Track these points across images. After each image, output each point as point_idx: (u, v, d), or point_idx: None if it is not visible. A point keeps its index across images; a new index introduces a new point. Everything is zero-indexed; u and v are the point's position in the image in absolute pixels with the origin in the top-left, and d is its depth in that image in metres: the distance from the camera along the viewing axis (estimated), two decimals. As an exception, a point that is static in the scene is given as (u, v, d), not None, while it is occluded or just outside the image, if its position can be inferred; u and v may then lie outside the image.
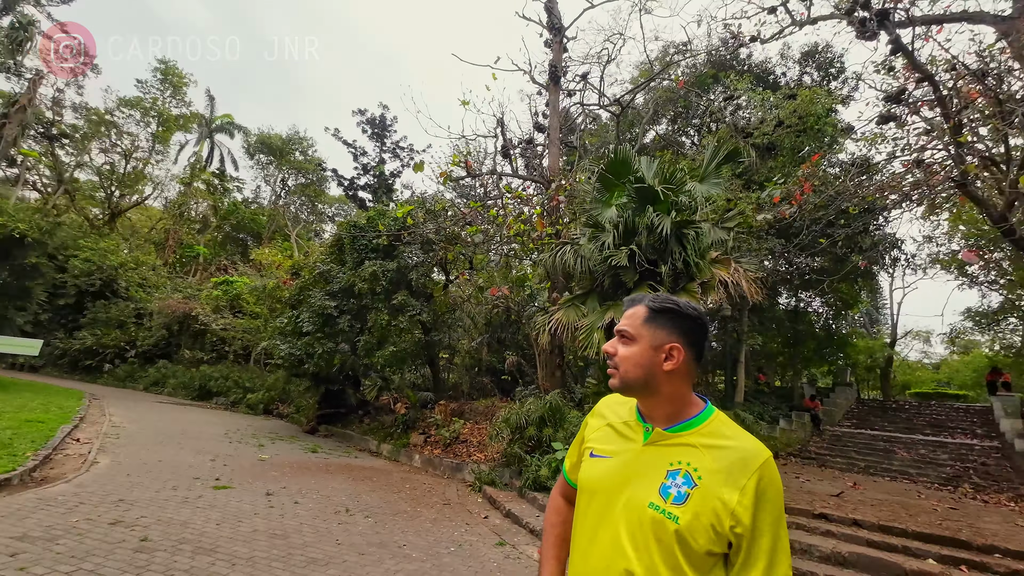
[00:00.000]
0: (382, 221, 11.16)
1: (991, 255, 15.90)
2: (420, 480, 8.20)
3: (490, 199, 11.26)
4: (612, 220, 8.13)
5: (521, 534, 5.47)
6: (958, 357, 29.34)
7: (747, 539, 0.89)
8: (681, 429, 1.00)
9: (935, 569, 3.95)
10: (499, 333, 14.75)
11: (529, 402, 8.16)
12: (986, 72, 8.98)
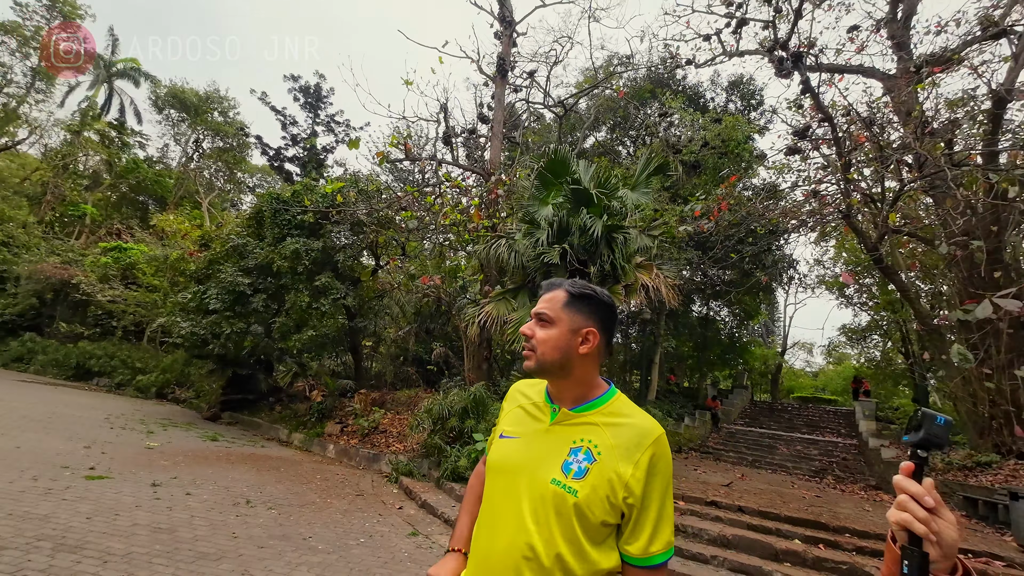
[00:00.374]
0: (309, 196, 10.47)
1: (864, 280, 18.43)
2: (333, 471, 7.85)
3: (428, 185, 11.00)
4: (548, 218, 8.30)
5: (435, 524, 5.44)
6: (832, 367, 33.73)
7: (637, 509, 0.95)
8: (585, 409, 1.05)
9: (799, 548, 4.53)
10: (428, 323, 14.51)
11: (453, 393, 8.11)
12: (873, 120, 10.35)
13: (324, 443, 9.45)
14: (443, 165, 11.15)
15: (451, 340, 14.31)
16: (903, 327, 17.53)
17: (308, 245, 10.27)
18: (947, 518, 0.65)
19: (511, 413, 1.16)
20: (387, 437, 9.19)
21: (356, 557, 4.18)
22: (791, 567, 4.28)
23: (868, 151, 10.16)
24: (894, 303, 15.70)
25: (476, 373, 10.08)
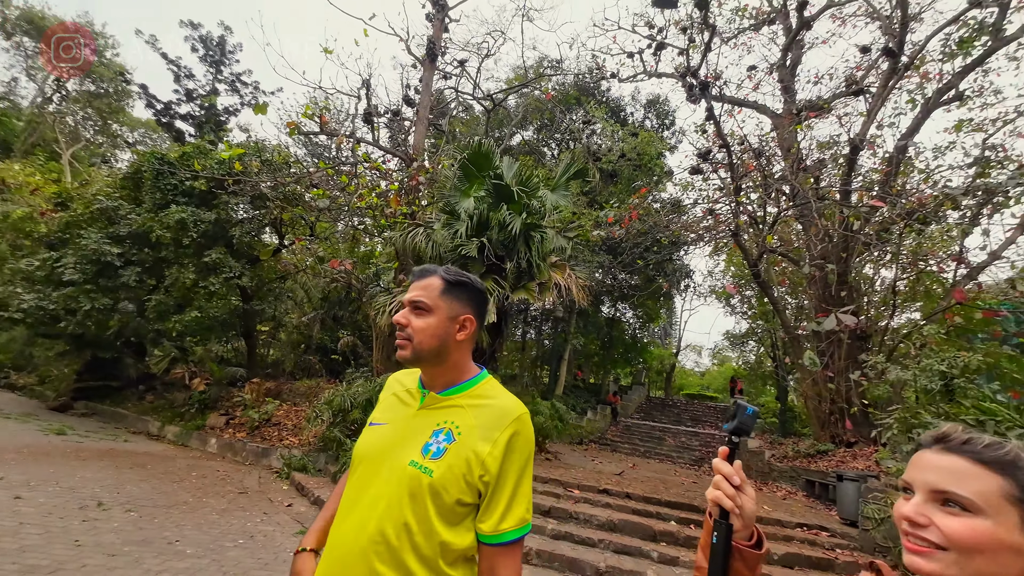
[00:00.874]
0: (203, 161, 9.31)
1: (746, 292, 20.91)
2: (213, 467, 7.10)
3: (344, 164, 10.35)
4: (468, 211, 8.25)
5: (328, 521, 5.15)
6: (716, 368, 37.87)
7: (492, 486, 0.95)
8: (453, 392, 1.04)
9: (674, 528, 5.01)
10: (336, 310, 13.71)
11: (358, 384, 7.76)
12: (761, 152, 11.74)
13: (205, 437, 8.51)
14: (362, 144, 10.55)
15: (360, 329, 13.67)
16: (773, 335, 20.18)
17: (198, 216, 9.13)
18: (749, 494, 0.75)
19: (384, 402, 1.14)
20: (280, 430, 8.52)
21: (232, 560, 3.82)
22: (666, 546, 4.73)
23: (755, 179, 11.52)
24: (767, 314, 17.99)
25: (385, 364, 9.73)
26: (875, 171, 11.40)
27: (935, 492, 0.61)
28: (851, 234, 9.90)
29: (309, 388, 10.90)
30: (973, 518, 0.57)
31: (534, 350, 19.96)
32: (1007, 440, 0.62)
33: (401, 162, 11.27)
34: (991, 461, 0.59)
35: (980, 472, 0.59)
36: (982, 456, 0.60)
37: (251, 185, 8.98)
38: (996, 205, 10.28)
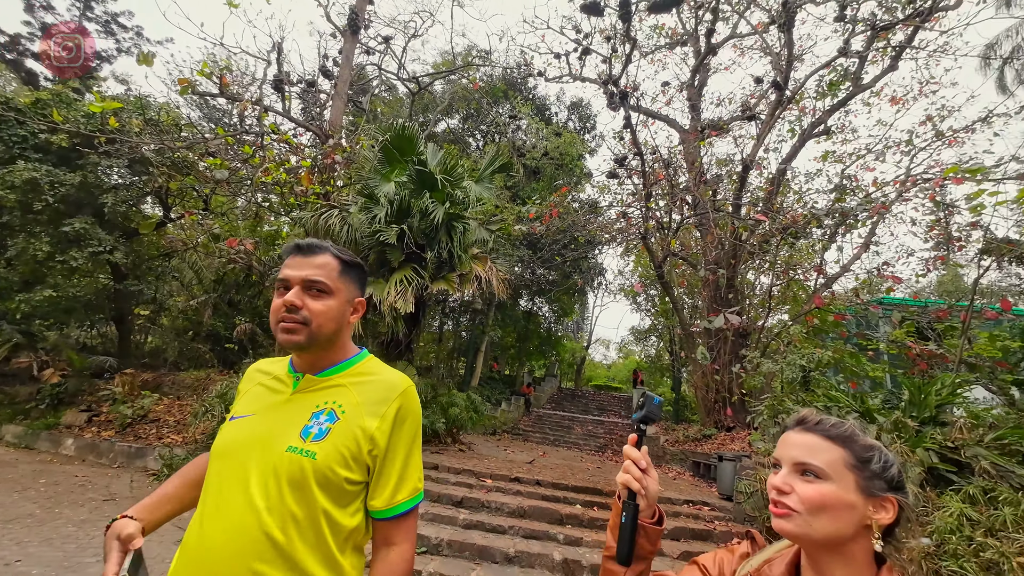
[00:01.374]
0: (64, 112, 7.84)
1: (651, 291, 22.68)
2: (69, 472, 6.10)
3: (248, 133, 9.36)
4: (388, 196, 7.93)
5: (216, 526, 4.68)
6: (622, 360, 40.68)
7: (381, 459, 0.93)
8: (333, 372, 0.99)
9: (579, 512, 5.32)
10: (232, 294, 12.42)
11: (257, 375, 7.12)
12: (670, 163, 12.75)
13: (58, 437, 7.26)
14: (270, 114, 9.61)
15: (261, 315, 12.55)
16: (671, 331, 22.13)
17: (55, 176, 7.69)
18: (653, 476, 0.83)
19: (248, 394, 1.03)
20: (160, 427, 7.55)
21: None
22: (572, 528, 4.99)
23: (664, 187, 12.50)
24: (668, 312, 19.67)
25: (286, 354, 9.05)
26: (761, 189, 12.96)
27: (796, 464, 0.73)
28: (739, 243, 11.16)
29: (197, 380, 9.79)
30: (823, 483, 0.70)
31: (451, 342, 19.83)
32: (847, 420, 0.77)
33: (315, 138, 10.48)
34: (836, 436, 0.73)
35: (828, 446, 0.72)
36: (829, 433, 0.73)
37: (130, 146, 7.75)
38: (848, 226, 12.25)
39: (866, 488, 0.69)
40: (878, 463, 0.70)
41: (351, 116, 15.05)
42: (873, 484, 0.69)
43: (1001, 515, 4.59)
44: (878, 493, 0.69)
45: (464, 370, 17.71)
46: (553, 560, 4.28)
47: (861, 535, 0.68)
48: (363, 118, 12.83)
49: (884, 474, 0.70)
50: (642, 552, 0.81)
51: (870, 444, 0.72)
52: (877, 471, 0.70)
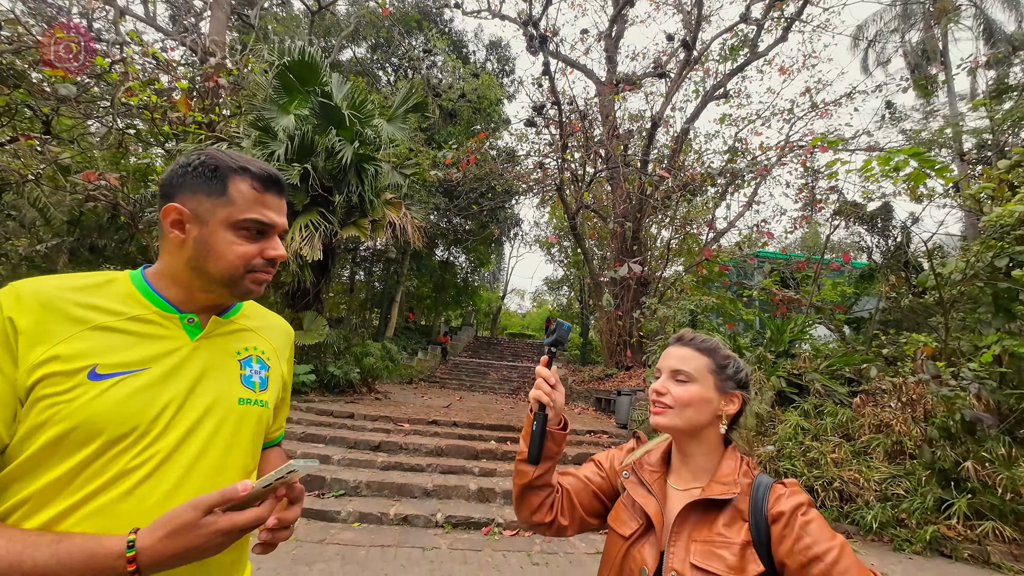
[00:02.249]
0: None
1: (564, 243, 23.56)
2: None
3: (99, 41, 7.67)
4: (288, 130, 7.14)
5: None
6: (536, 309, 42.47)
7: (282, 399, 1.00)
8: (232, 314, 0.89)
9: (494, 447, 5.70)
10: (94, 238, 10.64)
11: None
12: (585, 115, 12.93)
13: None
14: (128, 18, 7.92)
15: (135, 263, 10.97)
16: (582, 281, 23.44)
17: None
18: (560, 391, 0.96)
19: (89, 338, 0.72)
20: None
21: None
22: (487, 462, 5.35)
23: (579, 139, 12.73)
24: (579, 263, 20.68)
25: (176, 306, 8.11)
26: (666, 147, 13.76)
27: (672, 372, 0.91)
28: (645, 198, 11.91)
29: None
30: (690, 385, 0.88)
31: (364, 292, 19.12)
32: (713, 336, 0.97)
33: (191, 54, 8.92)
34: (703, 349, 0.92)
35: (697, 356, 0.91)
36: (699, 346, 0.92)
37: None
38: (737, 186, 13.61)
39: (721, 387, 0.89)
40: (732, 368, 0.91)
41: (236, 32, 12.95)
42: (726, 384, 0.89)
43: (824, 424, 5.77)
44: (729, 390, 0.89)
45: (378, 321, 17.31)
46: (469, 490, 4.59)
47: (713, 424, 0.88)
48: (252, 36, 11.10)
49: (735, 376, 0.91)
50: (549, 453, 0.95)
51: (728, 355, 0.90)
52: (731, 374, 0.90)
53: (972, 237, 7.65)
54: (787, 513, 0.75)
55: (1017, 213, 5.16)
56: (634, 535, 0.86)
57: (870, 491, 4.85)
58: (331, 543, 3.55)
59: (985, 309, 5.89)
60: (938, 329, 6.79)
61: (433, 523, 4.03)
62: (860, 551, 4.34)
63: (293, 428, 5.70)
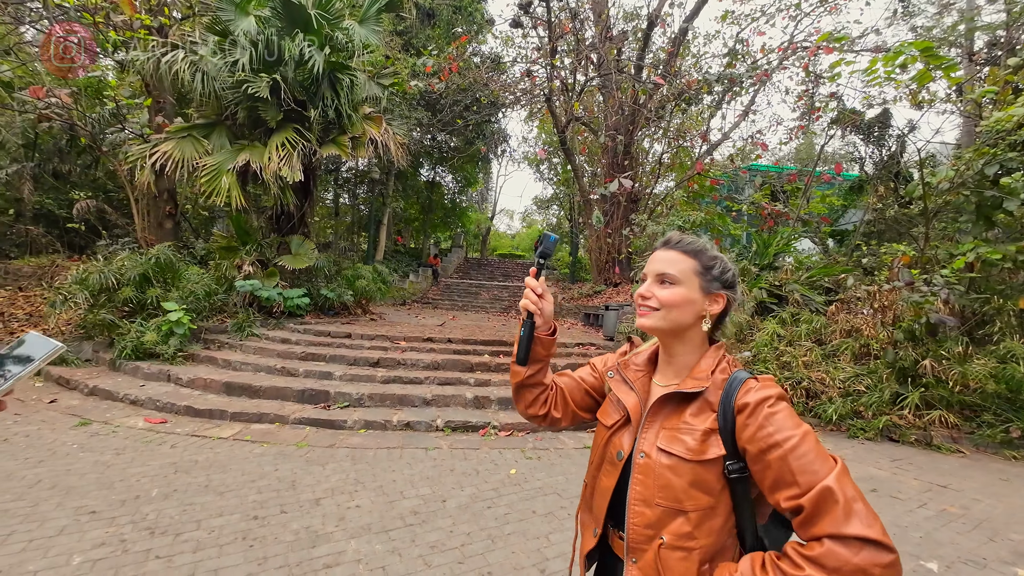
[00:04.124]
0: None
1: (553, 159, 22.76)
2: None
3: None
4: (250, 35, 6.48)
5: (118, 408, 4.50)
6: (525, 230, 42.19)
7: None
8: None
9: (487, 360, 6.01)
10: (55, 163, 10.04)
11: (121, 257, 6.24)
12: (576, 14, 11.81)
13: None
14: None
15: (105, 189, 10.52)
16: (572, 199, 23.04)
17: None
18: (548, 300, 1.00)
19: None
20: (7, 321, 6.52)
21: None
22: (481, 373, 5.67)
23: (569, 42, 11.76)
24: (569, 180, 20.17)
25: (157, 233, 7.92)
26: (663, 50, 12.81)
27: (658, 275, 0.91)
28: (639, 108, 11.34)
29: (39, 268, 8.33)
30: (675, 287, 0.89)
31: (350, 215, 18.70)
32: (700, 237, 0.96)
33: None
34: (689, 251, 0.92)
35: (683, 258, 0.91)
36: (685, 248, 0.92)
37: None
38: (734, 93, 12.93)
39: (706, 288, 0.90)
40: (718, 268, 0.91)
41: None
42: (712, 284, 0.90)
43: (799, 330, 6.10)
44: (714, 291, 0.90)
45: (367, 244, 17.16)
46: (466, 399, 4.91)
47: (696, 324, 0.90)
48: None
49: (721, 276, 0.91)
50: (536, 356, 1.02)
51: (714, 256, 0.92)
52: (716, 275, 0.91)
53: (967, 145, 7.53)
54: (752, 404, 0.77)
55: (1017, 117, 5.05)
56: (615, 425, 0.94)
57: (834, 389, 5.28)
58: (340, 447, 3.86)
59: (967, 218, 6.00)
60: (918, 239, 6.96)
61: (434, 428, 4.36)
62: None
63: (292, 348, 5.90)
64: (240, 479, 3.16)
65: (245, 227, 7.45)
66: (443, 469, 3.54)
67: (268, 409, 4.41)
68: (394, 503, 2.96)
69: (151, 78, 6.94)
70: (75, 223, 9.31)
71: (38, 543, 2.31)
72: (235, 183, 6.35)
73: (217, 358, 5.56)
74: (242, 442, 3.84)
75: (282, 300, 6.84)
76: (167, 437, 3.85)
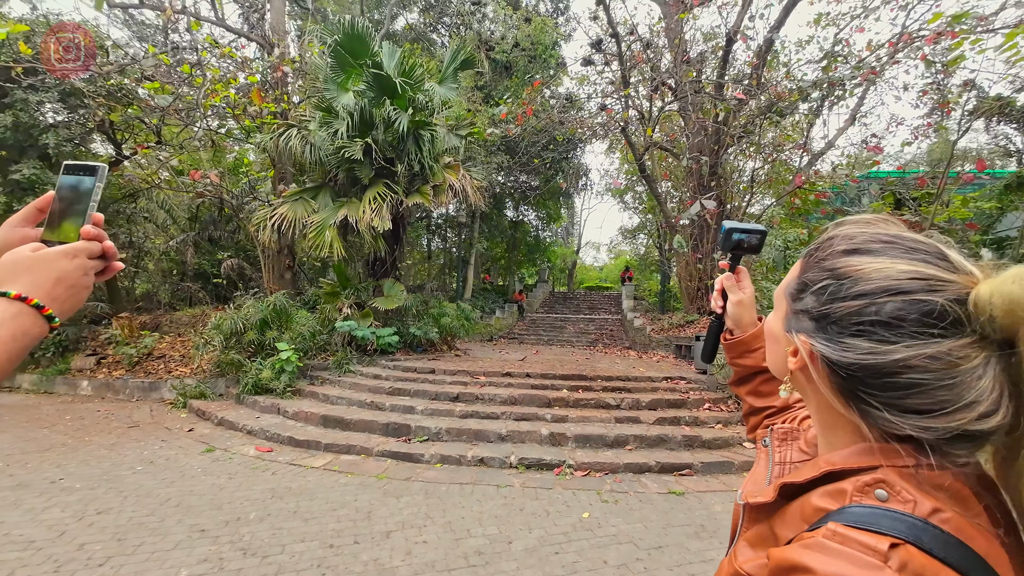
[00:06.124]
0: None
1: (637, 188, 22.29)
2: (91, 408, 6.51)
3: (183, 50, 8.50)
4: (348, 107, 7.46)
5: (236, 437, 5.15)
6: (612, 261, 41.36)
7: None
8: None
9: (566, 395, 5.84)
10: (210, 230, 12.22)
11: (248, 305, 7.30)
12: (650, 43, 11.78)
13: (73, 381, 7.63)
14: (204, 24, 8.64)
15: (245, 250, 12.47)
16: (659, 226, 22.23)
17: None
18: (735, 296, 0.85)
19: None
20: (167, 363, 7.90)
21: (132, 484, 3.73)
22: (559, 409, 5.52)
23: (643, 71, 11.69)
24: (655, 208, 19.56)
25: (278, 283, 9.17)
26: (748, 64, 12.15)
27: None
28: (722, 127, 10.76)
29: (194, 317, 10.02)
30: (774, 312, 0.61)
31: (441, 258, 19.96)
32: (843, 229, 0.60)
33: (260, 49, 9.54)
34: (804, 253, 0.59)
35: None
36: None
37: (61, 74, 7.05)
38: (836, 98, 11.71)
39: (788, 321, 0.59)
40: (816, 286, 0.56)
41: (297, 20, 13.53)
42: (794, 318, 0.57)
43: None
44: (794, 328, 0.60)
45: (456, 284, 18.07)
46: (541, 435, 4.79)
47: (792, 377, 0.61)
48: (309, 19, 11.55)
49: (813, 304, 0.54)
50: (732, 356, 0.88)
51: (828, 260, 0.57)
52: (807, 299, 0.56)
53: None
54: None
55: None
56: None
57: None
58: (416, 480, 3.96)
59: None
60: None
61: (507, 464, 4.30)
62: None
63: (382, 383, 6.30)
64: (324, 507, 3.38)
65: (345, 274, 8.31)
66: (513, 508, 3.44)
67: (356, 441, 4.72)
68: (460, 541, 2.93)
69: (274, 153, 8.27)
70: (220, 278, 11.15)
71: (159, 555, 2.67)
72: (336, 236, 7.17)
73: (318, 393, 6.14)
74: (331, 472, 4.13)
75: (375, 339, 7.42)
76: (270, 464, 4.29)
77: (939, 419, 0.39)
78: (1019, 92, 8.92)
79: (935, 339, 0.39)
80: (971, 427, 0.39)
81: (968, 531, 0.37)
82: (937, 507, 0.38)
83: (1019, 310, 0.36)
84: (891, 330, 0.40)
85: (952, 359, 0.39)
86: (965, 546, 0.36)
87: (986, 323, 0.38)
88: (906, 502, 0.39)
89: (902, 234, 0.47)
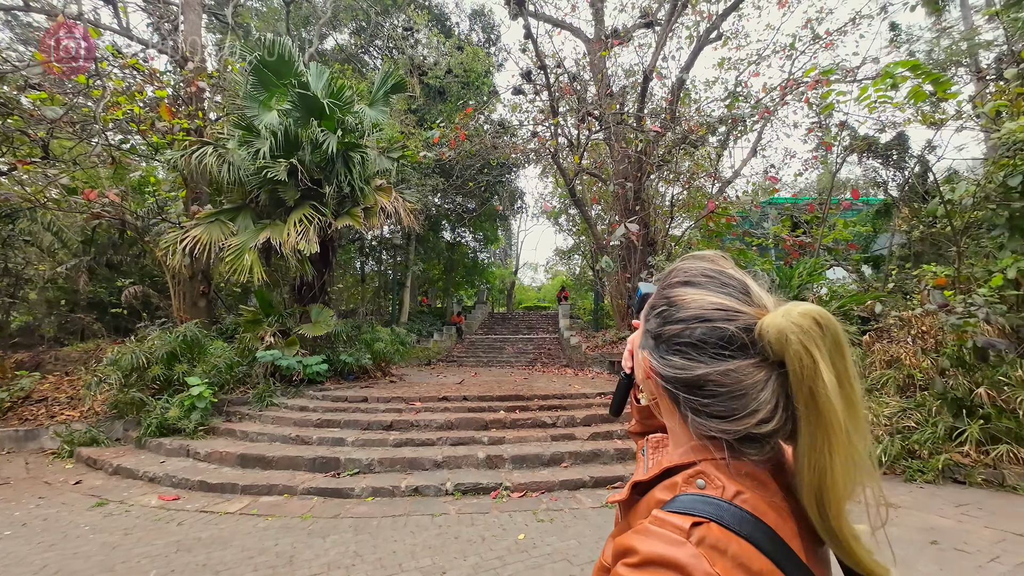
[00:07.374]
0: None
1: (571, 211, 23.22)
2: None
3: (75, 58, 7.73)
4: (271, 126, 7.16)
5: (136, 486, 4.57)
6: (550, 281, 42.39)
7: None
8: None
9: (503, 416, 5.84)
10: (109, 254, 11.00)
11: (153, 337, 6.61)
12: (575, 76, 12.53)
13: (-78, 434, 6.39)
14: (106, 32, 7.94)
15: (151, 275, 11.35)
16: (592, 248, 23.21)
17: None
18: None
19: None
20: (49, 406, 6.88)
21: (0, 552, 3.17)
22: (495, 431, 5.49)
23: (571, 102, 12.37)
24: (587, 230, 20.43)
25: (191, 312, 8.40)
26: (664, 100, 13.27)
27: None
28: (643, 156, 11.60)
29: (85, 352, 8.89)
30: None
31: (376, 281, 19.37)
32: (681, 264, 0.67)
33: (172, 62, 8.94)
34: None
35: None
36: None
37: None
38: (740, 132, 13.11)
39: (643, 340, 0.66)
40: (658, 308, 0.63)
41: (215, 32, 12.87)
42: (644, 337, 0.64)
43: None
44: (643, 347, 0.65)
45: (391, 307, 17.57)
46: (478, 459, 4.74)
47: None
48: (229, 34, 11.02)
49: (657, 326, 0.62)
50: (637, 419, 0.84)
51: (669, 287, 0.62)
52: (652, 321, 0.64)
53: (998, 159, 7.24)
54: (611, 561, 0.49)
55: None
56: None
57: (880, 426, 4.81)
58: (345, 517, 3.74)
59: (999, 231, 5.65)
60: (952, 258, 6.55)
61: (443, 492, 4.19)
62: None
63: (309, 416, 5.92)
64: (239, 556, 3.08)
65: (268, 300, 7.81)
66: (448, 537, 3.35)
67: (279, 480, 4.38)
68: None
69: (186, 172, 7.68)
70: (119, 308, 10.01)
71: (27, 633, 2.28)
72: (257, 260, 6.75)
73: (236, 430, 5.64)
74: (248, 516, 3.78)
75: (301, 368, 6.99)
76: (176, 514, 3.85)
77: (732, 423, 0.48)
78: (880, 133, 10.51)
79: (727, 359, 0.48)
80: (754, 431, 0.47)
81: (762, 508, 0.45)
82: (739, 490, 0.46)
83: (783, 338, 0.45)
84: (697, 350, 0.49)
85: (739, 375, 0.47)
86: (759, 520, 0.44)
87: (765, 347, 0.47)
88: (717, 488, 0.47)
89: (724, 270, 0.55)
